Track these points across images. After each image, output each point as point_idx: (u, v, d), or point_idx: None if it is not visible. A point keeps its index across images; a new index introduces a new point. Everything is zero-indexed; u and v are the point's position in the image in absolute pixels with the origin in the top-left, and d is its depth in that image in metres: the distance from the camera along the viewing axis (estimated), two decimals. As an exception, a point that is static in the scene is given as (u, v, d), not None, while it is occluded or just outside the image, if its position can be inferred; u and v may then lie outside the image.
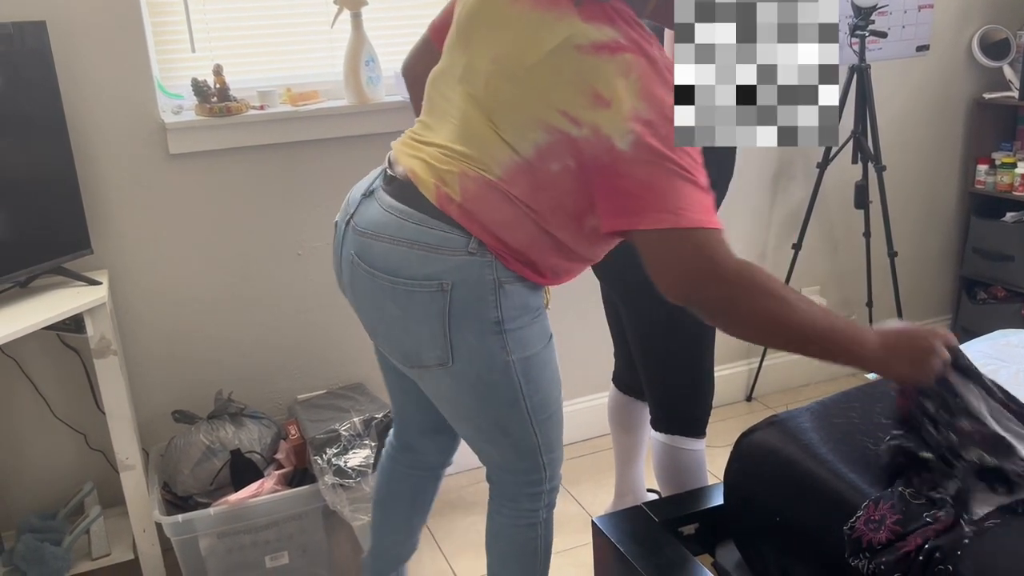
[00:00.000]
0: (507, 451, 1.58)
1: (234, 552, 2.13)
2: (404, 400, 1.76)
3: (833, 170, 2.96)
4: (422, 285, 1.39)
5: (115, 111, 2.20)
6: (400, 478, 1.84)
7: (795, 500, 1.52)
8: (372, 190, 1.49)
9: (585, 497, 2.66)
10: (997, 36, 3.18)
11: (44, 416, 2.32)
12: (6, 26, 1.94)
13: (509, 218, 1.37)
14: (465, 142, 1.39)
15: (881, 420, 1.63)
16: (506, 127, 1.35)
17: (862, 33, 2.79)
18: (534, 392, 1.50)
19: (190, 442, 2.20)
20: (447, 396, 1.53)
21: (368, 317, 1.54)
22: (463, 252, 1.38)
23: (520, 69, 1.34)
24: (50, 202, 2.05)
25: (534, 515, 1.64)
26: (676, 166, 1.26)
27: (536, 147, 1.33)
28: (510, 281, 1.41)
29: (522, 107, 1.34)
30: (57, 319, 1.92)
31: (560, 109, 1.30)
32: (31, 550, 2.09)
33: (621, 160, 1.26)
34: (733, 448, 1.66)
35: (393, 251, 1.41)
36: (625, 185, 1.28)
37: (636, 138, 1.25)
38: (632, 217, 1.29)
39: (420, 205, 1.40)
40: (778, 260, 3.10)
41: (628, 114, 1.25)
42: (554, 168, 1.33)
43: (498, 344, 1.43)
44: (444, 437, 1.78)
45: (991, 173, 3.23)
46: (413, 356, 1.47)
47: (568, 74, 1.29)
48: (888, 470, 1.43)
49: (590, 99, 1.27)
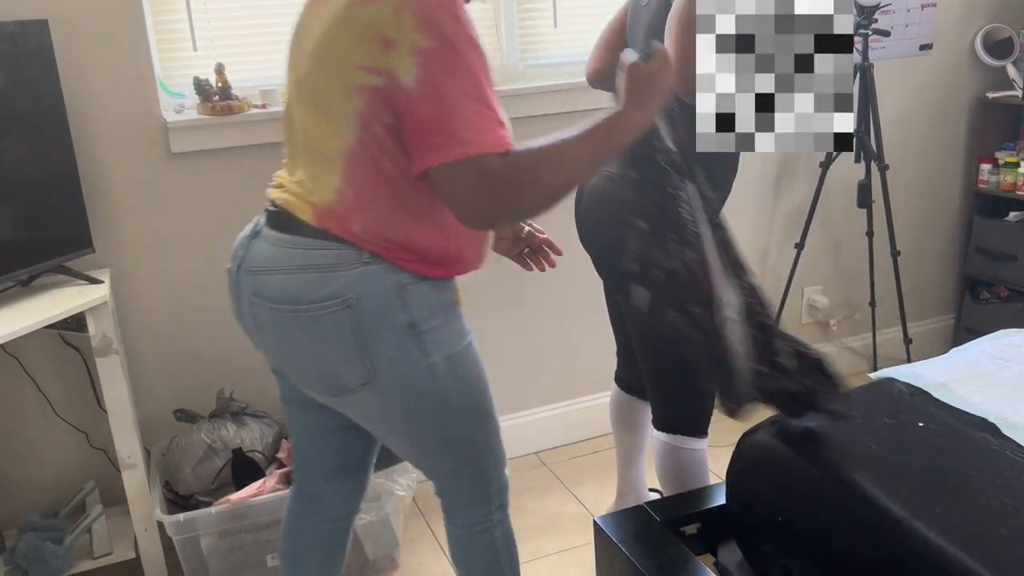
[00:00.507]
0: (449, 458, 1.55)
1: (236, 551, 2.13)
2: (308, 445, 1.69)
3: (836, 169, 2.95)
4: (325, 307, 1.37)
5: (117, 110, 2.20)
6: (308, 532, 1.75)
7: (797, 500, 1.51)
8: (257, 231, 1.47)
9: (587, 497, 2.65)
10: (1000, 35, 3.18)
11: (46, 415, 2.32)
12: (8, 25, 1.94)
13: (379, 208, 1.36)
14: (312, 153, 1.40)
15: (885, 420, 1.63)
16: (329, 108, 1.35)
17: (865, 32, 2.79)
18: (464, 392, 1.48)
19: (192, 441, 2.20)
20: (378, 416, 1.50)
21: (279, 355, 1.51)
22: (359, 264, 1.37)
23: (320, 48, 1.35)
24: (52, 201, 2.05)
25: (487, 519, 1.61)
26: (460, 92, 1.26)
27: (358, 116, 1.32)
28: (413, 283, 1.40)
29: (333, 81, 1.34)
30: (59, 318, 1.92)
31: (358, 65, 1.30)
32: (33, 549, 2.09)
33: (411, 98, 1.27)
34: (735, 448, 1.66)
35: (289, 280, 1.39)
36: (416, 124, 1.28)
37: (417, 71, 1.25)
38: (426, 156, 1.29)
39: (303, 230, 1.39)
40: (781, 259, 3.10)
41: (409, 49, 1.25)
42: (380, 132, 1.32)
43: (417, 348, 1.41)
44: (350, 481, 1.73)
45: (994, 172, 3.22)
46: (333, 382, 1.44)
47: (356, 28, 1.30)
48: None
49: (380, 45, 1.27)
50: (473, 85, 1.27)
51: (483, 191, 1.28)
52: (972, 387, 1.74)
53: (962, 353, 1.94)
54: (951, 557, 1.26)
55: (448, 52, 1.25)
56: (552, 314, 2.83)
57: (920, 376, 1.79)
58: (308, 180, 1.41)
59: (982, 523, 1.34)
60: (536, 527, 2.52)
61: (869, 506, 1.39)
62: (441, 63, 1.25)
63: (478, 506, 1.60)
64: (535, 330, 2.82)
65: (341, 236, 1.37)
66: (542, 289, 2.78)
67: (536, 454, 2.91)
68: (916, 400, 1.70)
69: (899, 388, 1.76)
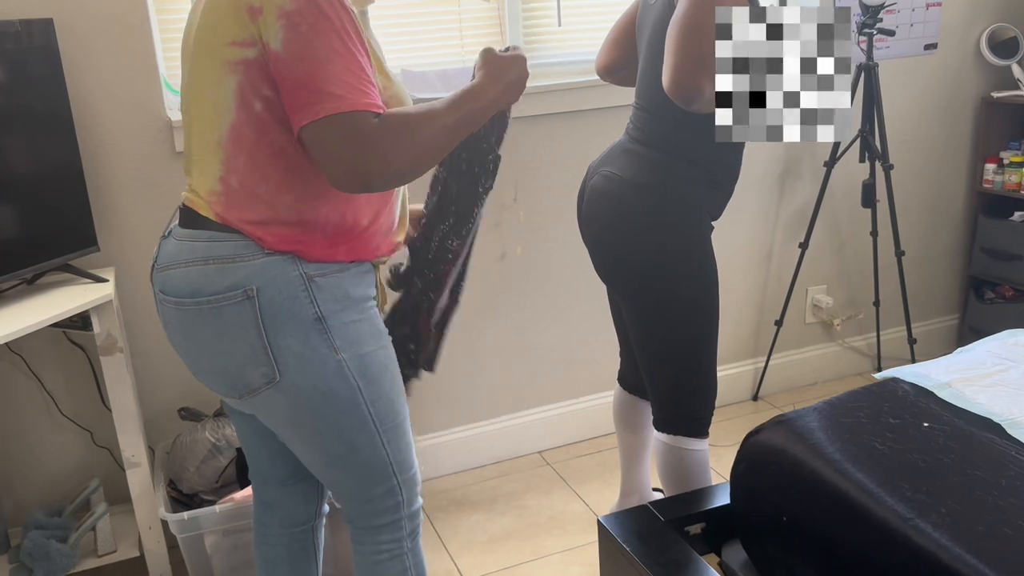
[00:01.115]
0: (359, 473, 1.49)
1: (239, 549, 2.13)
2: (258, 451, 1.66)
3: (840, 169, 2.95)
4: (227, 298, 1.35)
5: (122, 108, 2.21)
6: (273, 541, 1.72)
7: (802, 500, 1.51)
8: (170, 231, 1.47)
9: (591, 496, 2.65)
10: (1006, 34, 3.17)
11: (50, 413, 2.33)
12: (13, 23, 1.94)
13: (267, 191, 1.35)
14: (199, 147, 1.39)
15: (889, 420, 1.63)
16: (205, 96, 1.35)
17: (870, 31, 2.78)
18: (375, 396, 1.44)
19: (196, 439, 2.21)
20: (285, 418, 1.44)
21: (187, 355, 1.46)
22: (260, 255, 1.36)
23: (196, 36, 1.36)
24: (57, 199, 2.06)
25: (397, 546, 1.55)
26: (328, 49, 1.26)
27: (234, 96, 1.32)
28: (320, 274, 1.38)
29: (208, 65, 1.33)
30: (64, 316, 1.92)
31: (229, 41, 1.30)
32: (37, 547, 2.09)
33: (281, 62, 1.27)
34: (740, 447, 1.65)
35: (190, 272, 1.37)
36: (288, 86, 1.28)
37: (284, 33, 1.26)
38: (298, 115, 1.28)
39: (205, 223, 1.38)
40: (784, 259, 3.09)
41: (276, 13, 1.26)
42: (259, 107, 1.32)
43: (324, 343, 1.38)
44: (305, 484, 1.68)
45: (999, 172, 3.22)
46: (239, 382, 1.40)
47: (224, 4, 1.30)
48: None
49: (246, 16, 1.28)
50: (341, 43, 1.27)
51: (354, 147, 1.26)
52: (977, 387, 1.74)
53: (967, 353, 1.94)
54: (956, 557, 1.26)
55: (313, 11, 1.25)
56: (555, 313, 2.83)
57: (925, 376, 1.79)
58: (200, 175, 1.40)
59: (987, 523, 1.34)
60: (539, 526, 2.52)
61: (874, 506, 1.39)
62: (307, 23, 1.25)
63: (387, 532, 1.54)
64: (538, 329, 2.82)
65: (240, 228, 1.36)
66: (545, 288, 2.78)
67: (539, 453, 2.91)
68: (921, 400, 1.70)
69: (904, 388, 1.75)
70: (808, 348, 3.28)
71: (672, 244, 1.86)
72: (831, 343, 3.31)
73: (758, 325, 3.15)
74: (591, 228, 1.98)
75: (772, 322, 3.10)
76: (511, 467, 2.84)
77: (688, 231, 1.87)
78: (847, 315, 3.27)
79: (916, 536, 1.32)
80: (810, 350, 3.28)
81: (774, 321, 3.08)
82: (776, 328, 3.09)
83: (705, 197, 1.88)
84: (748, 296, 3.11)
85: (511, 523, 2.55)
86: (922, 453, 1.52)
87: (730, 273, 2.96)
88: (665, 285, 1.89)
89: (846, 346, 3.34)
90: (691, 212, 1.87)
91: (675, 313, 1.90)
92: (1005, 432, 1.58)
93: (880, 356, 3.30)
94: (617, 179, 1.90)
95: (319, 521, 1.76)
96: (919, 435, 1.58)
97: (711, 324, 1.92)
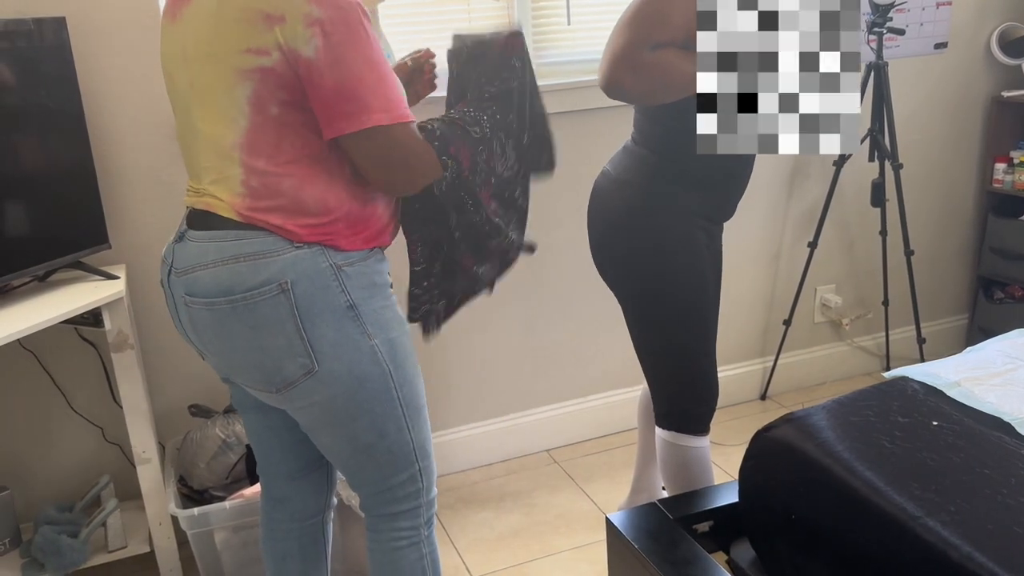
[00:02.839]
0: (384, 460, 1.52)
1: (249, 546, 2.14)
2: (270, 448, 1.68)
3: (850, 168, 2.95)
4: (261, 293, 1.36)
5: (133, 107, 2.22)
6: (284, 536, 1.74)
7: (810, 498, 1.51)
8: (182, 235, 1.46)
9: (599, 495, 2.66)
10: (1016, 34, 3.16)
11: (62, 409, 2.34)
12: (26, 22, 1.95)
13: (291, 188, 1.37)
14: (213, 154, 1.39)
15: (898, 419, 1.63)
16: (218, 103, 1.35)
17: (880, 30, 2.78)
18: (402, 380, 1.48)
19: (206, 436, 2.22)
20: (320, 408, 1.46)
21: (220, 354, 1.46)
22: (290, 249, 1.38)
23: (201, 47, 1.36)
24: (68, 197, 2.07)
25: (415, 533, 1.58)
26: (362, 60, 1.29)
27: (249, 102, 1.33)
28: (347, 263, 1.41)
29: (219, 74, 1.34)
30: (75, 313, 1.93)
31: (244, 49, 1.30)
32: (48, 542, 2.10)
33: (313, 69, 1.29)
34: (748, 445, 1.65)
35: (221, 272, 1.38)
36: (323, 94, 1.31)
37: (319, 41, 1.27)
38: (337, 124, 1.32)
39: (226, 224, 1.39)
40: (794, 258, 3.09)
41: (303, 21, 1.27)
42: (275, 111, 1.33)
43: (357, 329, 1.42)
44: (315, 476, 1.71)
45: (1009, 172, 3.21)
46: (276, 376, 1.41)
47: (235, 13, 1.30)
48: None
49: (263, 23, 1.28)
50: (374, 52, 1.31)
51: (399, 159, 1.36)
52: (987, 387, 1.73)
53: (976, 352, 1.93)
54: (965, 556, 1.26)
55: (344, 19, 1.28)
56: (563, 312, 2.83)
57: (934, 375, 1.79)
58: (218, 182, 1.40)
59: (997, 522, 1.34)
60: (547, 524, 2.53)
61: (883, 504, 1.39)
62: (340, 32, 1.28)
63: (406, 520, 1.57)
64: (546, 328, 2.83)
65: (267, 225, 1.38)
66: (553, 286, 2.79)
67: (547, 451, 2.91)
68: (930, 399, 1.70)
69: (913, 387, 1.75)
70: (817, 348, 3.27)
71: (648, 241, 1.85)
72: (840, 343, 3.30)
73: (767, 324, 3.15)
74: (589, 225, 1.99)
75: (781, 321, 3.09)
76: (519, 465, 2.85)
77: (665, 228, 1.84)
78: (856, 315, 3.27)
79: (925, 534, 1.32)
80: (819, 350, 3.28)
81: (783, 320, 3.08)
82: (785, 327, 3.08)
83: (691, 196, 1.84)
84: (757, 295, 3.10)
85: (519, 521, 2.55)
86: (931, 452, 1.52)
87: (739, 272, 2.96)
88: (644, 283, 1.89)
89: (855, 346, 3.33)
90: (669, 209, 1.84)
91: (656, 310, 1.90)
92: (1014, 431, 1.58)
93: (889, 356, 3.29)
94: (607, 176, 1.93)
95: (328, 513, 1.78)
96: (928, 434, 1.58)
97: (698, 322, 1.90)
